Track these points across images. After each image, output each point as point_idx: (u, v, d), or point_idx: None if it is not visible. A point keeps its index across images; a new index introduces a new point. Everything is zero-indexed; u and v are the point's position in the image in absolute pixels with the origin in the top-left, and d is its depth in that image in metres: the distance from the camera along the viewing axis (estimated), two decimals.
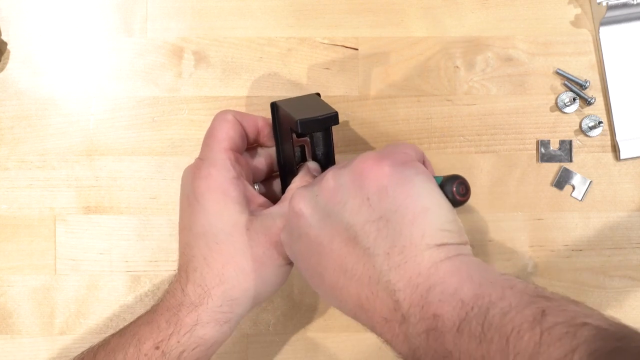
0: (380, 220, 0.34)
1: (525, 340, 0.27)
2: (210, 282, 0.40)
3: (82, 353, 0.42)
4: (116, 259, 0.50)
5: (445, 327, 0.30)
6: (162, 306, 0.41)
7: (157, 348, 0.39)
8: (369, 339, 0.50)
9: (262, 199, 0.43)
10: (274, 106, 0.44)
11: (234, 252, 0.40)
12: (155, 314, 0.41)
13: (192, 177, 0.42)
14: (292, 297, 0.50)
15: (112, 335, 0.41)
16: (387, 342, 0.34)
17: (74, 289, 0.50)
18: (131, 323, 0.42)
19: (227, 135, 0.42)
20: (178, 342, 0.39)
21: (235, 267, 0.40)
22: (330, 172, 0.37)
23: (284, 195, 0.43)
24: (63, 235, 0.50)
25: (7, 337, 0.50)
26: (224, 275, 0.40)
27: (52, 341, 0.50)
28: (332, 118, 0.41)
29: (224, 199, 0.40)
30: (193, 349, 0.40)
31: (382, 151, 0.37)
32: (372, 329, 0.35)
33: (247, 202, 0.41)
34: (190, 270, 0.41)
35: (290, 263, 0.41)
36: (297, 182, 0.42)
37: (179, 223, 0.43)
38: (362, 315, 0.35)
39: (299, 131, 0.40)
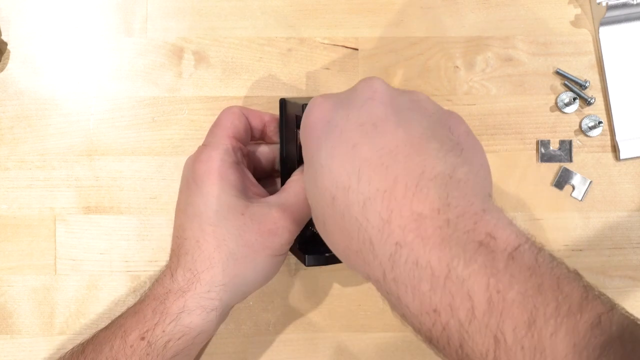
0: (457, 146, 0.33)
1: (575, 287, 0.27)
2: (200, 265, 0.40)
3: (72, 349, 0.42)
4: (116, 259, 0.50)
5: (497, 248, 0.29)
6: (150, 295, 0.41)
7: (143, 338, 0.39)
8: (369, 339, 0.50)
9: (260, 189, 0.43)
10: (283, 102, 0.44)
11: (227, 236, 0.39)
12: (142, 304, 0.41)
13: (193, 161, 0.42)
14: (292, 297, 0.50)
15: (100, 330, 0.41)
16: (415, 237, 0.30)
17: (74, 289, 0.50)
18: (119, 315, 0.42)
19: (232, 124, 0.43)
20: (163, 331, 0.39)
21: (227, 251, 0.39)
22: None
23: (282, 186, 0.43)
24: (63, 235, 0.50)
25: (7, 337, 0.50)
26: (214, 258, 0.40)
27: (52, 341, 0.50)
28: None
29: (222, 182, 0.40)
30: (179, 338, 0.39)
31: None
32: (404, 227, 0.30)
33: (245, 188, 0.41)
34: (182, 253, 0.41)
35: (281, 254, 0.41)
36: (297, 174, 0.42)
37: (176, 207, 0.43)
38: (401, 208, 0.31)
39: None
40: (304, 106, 0.40)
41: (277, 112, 0.46)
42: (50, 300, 0.50)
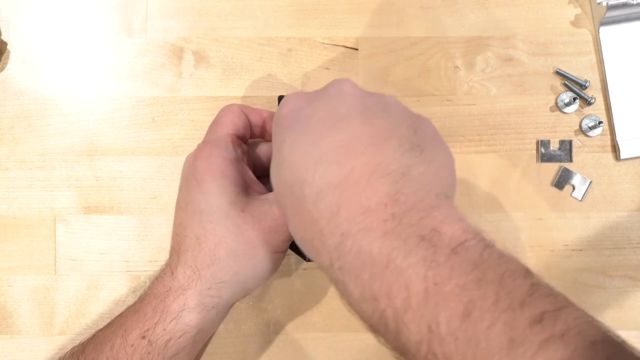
0: (417, 147, 0.33)
1: (520, 283, 0.28)
2: (200, 262, 0.40)
3: (72, 349, 0.42)
4: (116, 259, 0.50)
5: (441, 243, 0.29)
6: (150, 294, 0.41)
7: (144, 337, 0.39)
8: (369, 339, 0.50)
9: (260, 186, 0.43)
10: (281, 99, 0.44)
11: (227, 233, 0.40)
12: (142, 302, 0.41)
13: (193, 158, 0.42)
14: (292, 297, 0.50)
15: (101, 329, 0.41)
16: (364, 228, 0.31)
17: (74, 289, 0.50)
18: (119, 314, 0.41)
19: (232, 122, 0.43)
20: (164, 330, 0.39)
21: (227, 248, 0.39)
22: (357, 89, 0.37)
23: None
24: (63, 235, 0.50)
25: (7, 337, 0.50)
26: (214, 255, 0.40)
27: (52, 341, 0.50)
28: None
29: (223, 179, 0.40)
30: (180, 337, 0.39)
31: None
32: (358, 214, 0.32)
33: (245, 185, 0.41)
34: (182, 251, 0.41)
35: (282, 251, 0.41)
36: None
37: (175, 205, 0.43)
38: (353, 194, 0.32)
39: None
40: None
41: (276, 109, 0.46)
42: (50, 300, 0.50)
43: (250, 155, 0.46)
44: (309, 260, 0.43)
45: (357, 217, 0.31)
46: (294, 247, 0.44)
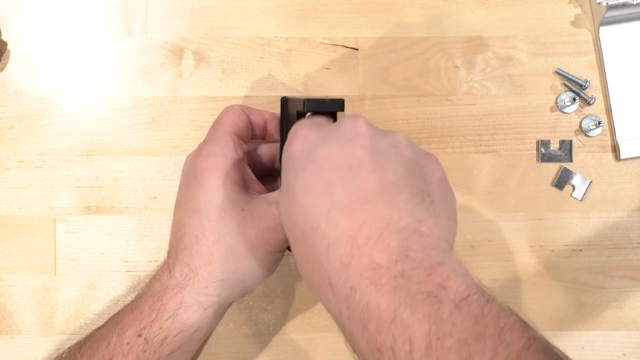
0: (427, 197, 0.34)
1: (517, 337, 0.29)
2: (198, 260, 0.40)
3: (70, 347, 0.42)
4: (116, 259, 0.50)
5: (446, 298, 0.30)
6: (147, 292, 0.41)
7: (140, 335, 0.39)
8: None
9: (260, 186, 0.43)
10: (284, 100, 0.44)
11: (226, 231, 0.39)
12: (139, 300, 0.41)
13: (194, 157, 0.42)
14: (292, 297, 0.50)
15: (98, 327, 0.41)
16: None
17: (74, 289, 0.50)
18: (116, 312, 0.42)
19: (233, 121, 0.43)
20: (160, 328, 0.39)
21: (226, 247, 0.39)
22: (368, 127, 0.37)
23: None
24: (63, 235, 0.50)
25: (7, 337, 0.50)
26: (212, 254, 0.40)
27: (52, 341, 0.50)
28: (339, 102, 0.41)
29: (223, 177, 0.40)
30: (176, 335, 0.39)
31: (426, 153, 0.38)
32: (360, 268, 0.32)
33: (245, 185, 0.41)
34: (180, 249, 0.41)
35: (280, 251, 0.41)
36: None
37: (175, 203, 0.43)
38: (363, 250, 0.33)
39: (304, 110, 0.41)
40: (305, 101, 0.40)
41: (277, 111, 0.46)
42: (50, 300, 0.50)
43: (251, 155, 0.46)
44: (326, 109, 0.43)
45: (368, 272, 0.31)
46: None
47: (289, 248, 0.44)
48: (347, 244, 0.32)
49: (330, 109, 0.41)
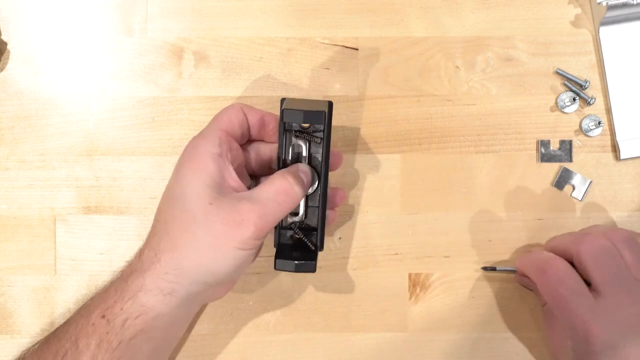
0: None
1: None
2: (163, 246, 0.41)
3: (47, 335, 0.43)
4: (116, 259, 0.50)
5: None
6: (118, 277, 0.42)
7: (103, 317, 0.40)
8: (369, 339, 0.51)
9: (237, 184, 0.43)
10: (283, 102, 0.44)
11: (193, 222, 0.40)
12: (109, 283, 0.43)
13: (184, 149, 0.43)
14: (292, 297, 0.50)
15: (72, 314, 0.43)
16: None
17: (74, 289, 0.50)
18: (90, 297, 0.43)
19: (228, 118, 0.43)
20: (121, 309, 0.40)
21: (190, 237, 0.40)
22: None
23: (261, 183, 0.43)
24: (63, 235, 0.50)
25: (7, 337, 0.50)
26: (177, 242, 0.40)
27: None
28: (316, 115, 0.41)
29: (199, 169, 0.41)
30: (136, 317, 0.40)
31: None
32: None
33: (221, 180, 0.42)
34: (151, 234, 0.42)
35: (248, 249, 0.41)
36: (279, 174, 0.42)
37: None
38: None
39: (283, 119, 0.42)
40: (305, 114, 0.41)
41: (276, 112, 0.46)
42: (50, 300, 0.50)
43: (250, 155, 0.46)
44: (277, 269, 0.43)
45: None
46: (280, 254, 0.44)
47: (277, 250, 0.44)
48: None
49: (306, 120, 0.42)
